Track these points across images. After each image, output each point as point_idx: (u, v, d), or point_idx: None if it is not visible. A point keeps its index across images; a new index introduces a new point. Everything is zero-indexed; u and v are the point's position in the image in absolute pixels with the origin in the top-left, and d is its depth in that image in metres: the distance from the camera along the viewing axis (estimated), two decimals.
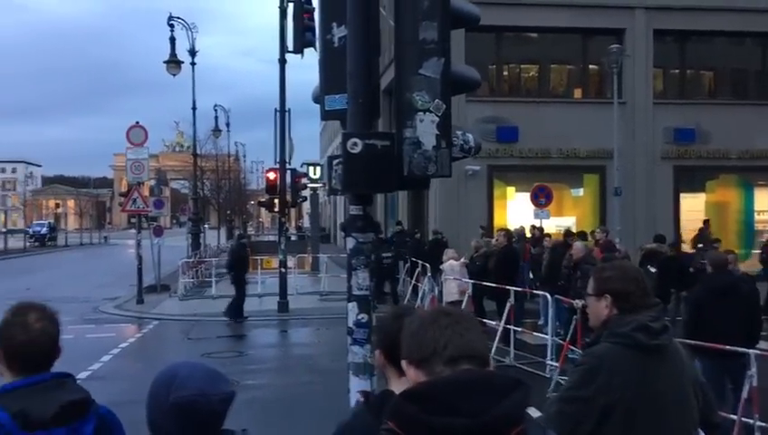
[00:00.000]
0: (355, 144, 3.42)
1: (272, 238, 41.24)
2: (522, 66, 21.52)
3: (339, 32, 3.80)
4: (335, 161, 3.69)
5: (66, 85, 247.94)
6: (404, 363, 1.65)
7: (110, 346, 12.45)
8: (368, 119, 3.69)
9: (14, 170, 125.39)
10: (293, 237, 35.90)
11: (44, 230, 63.30)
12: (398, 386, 2.10)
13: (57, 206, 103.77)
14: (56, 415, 2.00)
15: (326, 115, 4.07)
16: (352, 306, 3.67)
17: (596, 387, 2.60)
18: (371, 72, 3.71)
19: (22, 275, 29.40)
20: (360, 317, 3.62)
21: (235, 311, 15.59)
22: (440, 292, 13.45)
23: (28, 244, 53.44)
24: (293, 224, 53.33)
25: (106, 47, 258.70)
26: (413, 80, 3.48)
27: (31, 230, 61.41)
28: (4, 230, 53.07)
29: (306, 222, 66.02)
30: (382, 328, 2.25)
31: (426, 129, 3.46)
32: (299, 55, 14.82)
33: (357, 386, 3.56)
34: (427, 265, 15.24)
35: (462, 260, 13.18)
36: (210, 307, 17.63)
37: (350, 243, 3.71)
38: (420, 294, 15.52)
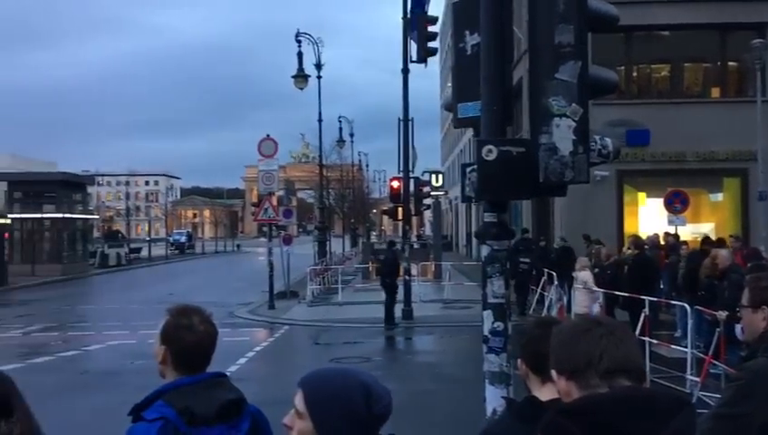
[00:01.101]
0: (490, 151, 3.41)
1: None
2: (652, 66, 20.61)
3: (471, 39, 3.80)
4: (469, 169, 3.69)
5: (201, 101, 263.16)
6: (554, 374, 1.62)
7: (246, 349, 13.05)
8: (502, 125, 3.67)
9: (156, 183, 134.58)
10: (416, 245, 36.10)
11: (183, 239, 67.41)
12: (541, 394, 2.08)
13: (194, 216, 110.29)
14: (218, 412, 2.11)
15: (459, 123, 4.08)
16: (488, 314, 3.64)
17: (752, 404, 2.43)
18: (505, 78, 3.68)
19: (165, 281, 31.43)
20: (495, 325, 3.58)
21: (388, 317, 15.95)
22: (569, 302, 13.06)
23: (169, 251, 57.08)
24: (415, 232, 53.63)
25: (238, 64, 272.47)
26: (548, 84, 3.41)
27: (171, 239, 65.48)
28: (148, 239, 56.91)
29: (428, 230, 66.24)
30: (524, 336, 2.23)
31: (562, 134, 3.39)
32: (421, 65, 15.04)
33: (493, 395, 3.52)
34: (554, 273, 14.87)
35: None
36: (337, 313, 18.08)
37: (485, 250, 3.69)
38: (547, 304, 15.16)
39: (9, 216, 32.08)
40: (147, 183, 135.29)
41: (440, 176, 38.42)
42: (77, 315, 19.74)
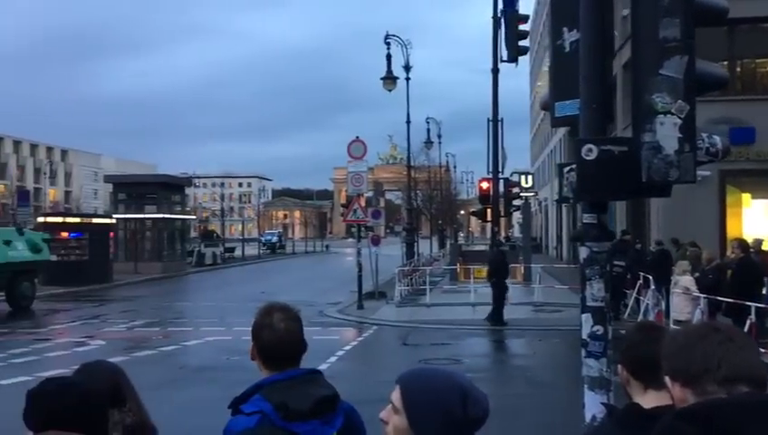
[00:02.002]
0: (590, 150, 3.31)
1: (481, 248, 41.31)
2: (757, 61, 19.55)
3: (570, 36, 3.71)
4: (566, 169, 3.61)
5: (292, 105, 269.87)
6: (667, 380, 1.56)
7: (336, 348, 13.25)
8: (602, 124, 3.56)
9: (249, 185, 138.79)
10: (504, 247, 35.63)
11: (275, 239, 69.20)
12: (644, 401, 2.00)
13: (285, 216, 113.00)
14: (312, 407, 2.15)
15: (556, 122, 4.00)
16: (587, 318, 3.54)
17: None
18: (605, 75, 3.57)
19: (257, 280, 32.32)
20: (595, 329, 3.48)
21: (497, 317, 15.94)
22: (667, 307, 12.55)
23: (261, 251, 58.69)
24: (503, 233, 52.95)
25: (327, 67, 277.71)
26: (652, 81, 3.29)
27: (263, 239, 67.34)
28: (241, 239, 58.77)
29: (516, 231, 65.26)
30: (624, 341, 2.15)
31: (667, 132, 3.25)
32: (512, 64, 14.84)
33: (592, 400, 3.42)
34: (650, 277, 14.33)
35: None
36: (425, 314, 18.08)
37: (584, 252, 3.59)
38: (643, 309, 14.63)
39: (114, 216, 33.89)
40: (240, 185, 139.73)
41: (530, 177, 37.85)
42: (176, 312, 20.59)
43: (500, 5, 15.27)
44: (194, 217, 65.37)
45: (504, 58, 13.82)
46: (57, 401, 2.00)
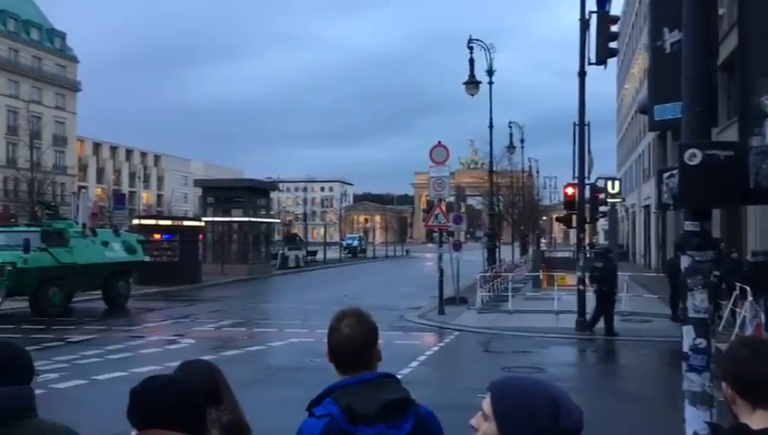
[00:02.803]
0: (694, 155, 3.17)
1: (564, 254, 40.36)
2: None
3: (671, 37, 3.57)
4: (666, 174, 3.46)
5: (375, 109, 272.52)
6: None
7: (417, 353, 13.23)
8: (706, 127, 3.40)
9: (330, 189, 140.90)
10: (589, 254, 34.74)
11: (356, 243, 69.90)
12: (752, 421, 1.88)
13: (366, 221, 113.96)
14: (379, 411, 2.14)
15: (655, 125, 3.84)
16: (688, 330, 3.38)
17: None
18: (710, 77, 3.41)
19: (339, 284, 32.72)
20: (697, 342, 3.32)
21: (609, 327, 15.61)
22: (767, 320, 11.90)
23: (342, 255, 59.41)
24: (588, 240, 51.61)
25: (410, 72, 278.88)
26: (762, 82, 3.12)
27: (345, 243, 68.10)
28: (323, 242, 59.68)
29: (601, 238, 63.45)
30: (727, 357, 2.03)
31: None
32: (598, 67, 14.45)
33: (694, 417, 3.27)
34: (748, 288, 13.62)
35: None
36: (507, 321, 17.83)
37: (686, 261, 3.43)
38: (739, 322, 13.92)
39: (203, 219, 35.08)
40: (322, 189, 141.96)
41: (616, 182, 36.71)
42: (261, 313, 21.09)
43: (587, 7, 14.93)
44: (278, 220, 66.84)
45: (593, 61, 13.46)
46: (160, 399, 2.05)
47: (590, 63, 14.54)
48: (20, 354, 2.35)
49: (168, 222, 32.55)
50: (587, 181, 17.46)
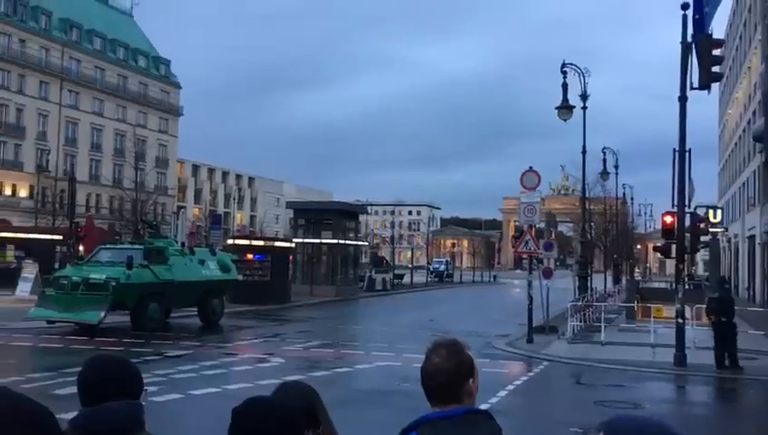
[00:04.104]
0: None
1: (660, 285, 38.74)
2: None
3: None
4: None
5: (464, 134, 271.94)
6: None
7: (505, 382, 12.97)
8: None
9: (418, 212, 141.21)
10: (688, 286, 33.24)
11: (442, 267, 69.62)
12: None
13: (453, 245, 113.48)
14: None
15: None
16: None
17: None
18: None
19: (425, 308, 32.65)
20: None
21: (733, 361, 14.97)
22: None
23: (429, 279, 59.25)
24: (686, 271, 49.35)
25: (501, 96, 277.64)
26: None
27: (431, 267, 67.98)
28: (410, 266, 59.73)
29: (700, 269, 60.57)
30: None
31: None
32: (702, 91, 13.90)
33: None
34: None
35: None
36: (599, 353, 17.23)
37: None
38: None
39: (294, 240, 35.86)
40: (410, 213, 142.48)
41: (718, 211, 35.06)
42: (348, 335, 21.27)
43: (689, 29, 14.42)
44: (366, 243, 67.50)
45: (695, 85, 12.94)
46: (261, 420, 2.09)
47: (692, 88, 14.00)
48: (131, 369, 2.46)
49: (261, 242, 33.42)
50: (687, 210, 16.75)
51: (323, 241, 36.25)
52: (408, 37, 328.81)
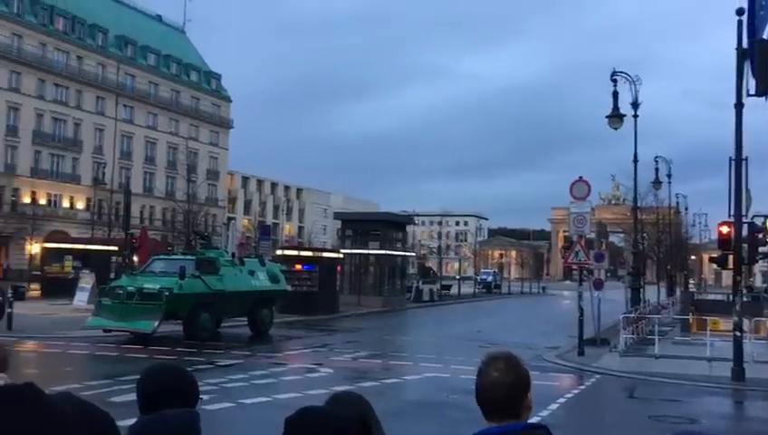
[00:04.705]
0: None
1: (716, 297, 37.64)
2: None
3: None
4: None
5: (511, 144, 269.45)
6: None
7: (556, 395, 12.77)
8: None
9: (465, 223, 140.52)
10: (746, 298, 32.24)
11: (490, 278, 69.09)
12: None
13: (501, 256, 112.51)
14: None
15: None
16: None
17: None
18: None
19: (473, 319, 32.41)
20: None
21: None
22: None
23: (477, 290, 58.86)
24: (744, 282, 47.84)
25: (548, 105, 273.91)
26: None
27: (479, 278, 67.53)
28: (457, 277, 59.45)
29: (758, 280, 58.65)
30: None
31: None
32: (760, 98, 13.53)
33: None
34: None
35: None
36: (653, 366, 16.84)
37: None
38: None
39: (341, 251, 36.08)
40: (457, 223, 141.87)
41: None
42: (396, 345, 21.25)
43: (744, 35, 14.06)
44: (413, 253, 67.47)
45: (752, 92, 12.59)
46: (313, 431, 2.11)
47: (748, 95, 13.62)
48: (188, 378, 2.52)
49: (309, 253, 33.73)
50: (744, 219, 16.28)
51: (371, 252, 36.36)
52: (456, 47, 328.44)
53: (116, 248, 35.77)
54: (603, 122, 22.69)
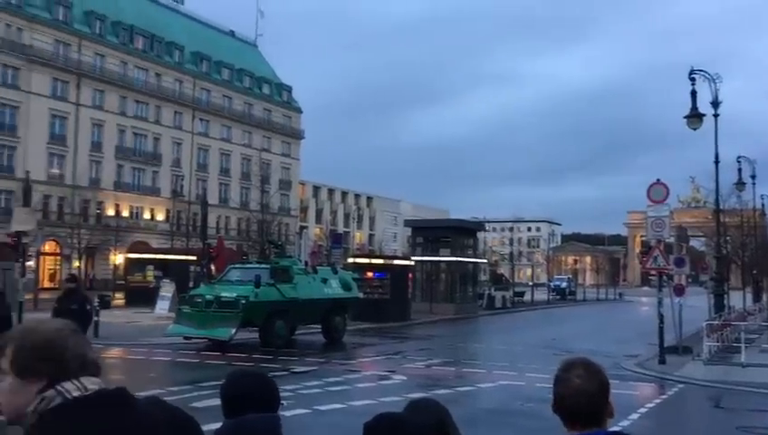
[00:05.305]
0: None
1: None
2: None
3: None
4: None
5: (583, 146, 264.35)
6: None
7: (636, 405, 12.38)
8: None
9: (538, 229, 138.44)
10: None
11: (564, 285, 67.70)
12: None
13: (575, 262, 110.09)
14: None
15: None
16: None
17: None
18: None
19: (547, 326, 31.84)
20: None
21: None
22: None
23: (550, 297, 57.80)
24: None
25: (622, 106, 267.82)
26: None
27: (552, 284, 66.28)
28: (531, 284, 58.54)
29: None
30: None
31: None
32: None
33: None
34: None
35: None
36: (739, 375, 16.10)
37: None
38: None
39: (412, 258, 36.09)
40: (529, 229, 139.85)
41: None
42: (469, 353, 21.08)
43: None
44: (485, 260, 66.85)
45: None
46: None
47: None
48: (269, 383, 2.58)
49: (380, 261, 33.87)
50: None
51: (442, 259, 36.23)
52: (526, 50, 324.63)
53: (194, 258, 36.88)
54: (681, 123, 21.96)
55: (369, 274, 30.40)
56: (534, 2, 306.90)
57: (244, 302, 18.90)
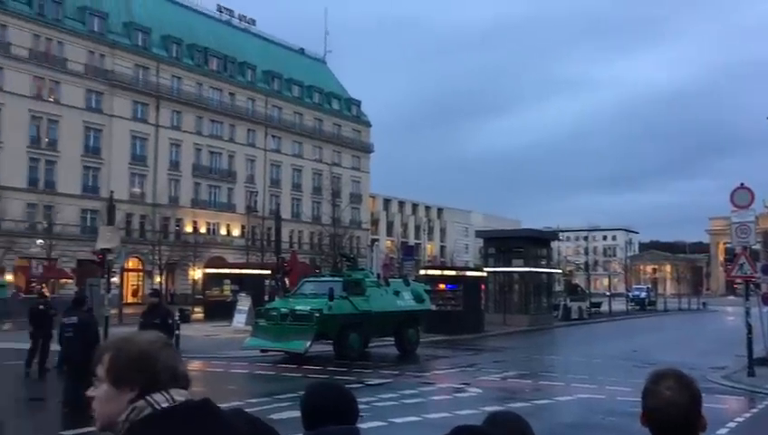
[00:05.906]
0: None
1: None
2: None
3: None
4: None
5: (660, 151, 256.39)
6: None
7: (724, 419, 11.84)
8: None
9: (614, 238, 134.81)
10: None
11: (643, 294, 65.68)
12: None
13: (654, 271, 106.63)
14: None
15: None
16: None
17: None
18: None
19: (627, 337, 30.88)
20: None
21: None
22: None
23: (629, 307, 56.11)
24: None
25: (703, 108, 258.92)
26: None
27: (631, 294, 64.38)
28: (608, 294, 57.00)
29: None
30: None
31: None
32: None
33: None
34: None
35: None
36: None
37: None
38: None
39: (485, 269, 35.73)
40: (605, 238, 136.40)
41: None
42: (545, 365, 20.67)
43: None
44: (559, 270, 65.54)
45: None
46: None
47: None
48: (348, 395, 2.60)
49: (452, 272, 33.66)
50: None
51: (515, 269, 35.73)
52: (598, 54, 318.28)
53: (269, 272, 37.61)
54: (765, 124, 21.10)
55: (442, 285, 30.23)
56: (605, 5, 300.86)
57: (318, 315, 19.11)
